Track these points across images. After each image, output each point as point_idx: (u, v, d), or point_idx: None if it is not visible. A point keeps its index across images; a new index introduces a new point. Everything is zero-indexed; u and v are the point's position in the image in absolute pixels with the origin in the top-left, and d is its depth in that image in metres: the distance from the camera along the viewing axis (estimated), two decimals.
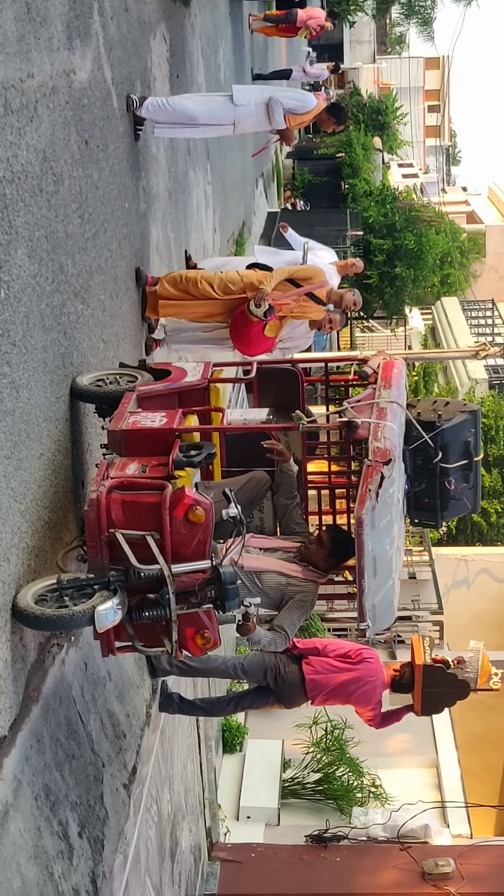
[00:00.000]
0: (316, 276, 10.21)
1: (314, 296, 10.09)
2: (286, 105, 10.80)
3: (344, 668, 9.65)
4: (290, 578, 8.04)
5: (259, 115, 10.76)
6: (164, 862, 9.92)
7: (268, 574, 8.02)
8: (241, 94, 10.74)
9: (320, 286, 10.13)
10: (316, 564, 8.10)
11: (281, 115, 10.74)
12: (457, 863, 13.30)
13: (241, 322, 9.83)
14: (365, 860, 13.72)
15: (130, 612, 6.21)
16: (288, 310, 9.91)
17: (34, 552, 6.42)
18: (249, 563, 7.85)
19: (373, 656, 9.77)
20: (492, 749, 22.08)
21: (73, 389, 7.34)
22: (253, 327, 9.74)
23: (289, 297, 9.89)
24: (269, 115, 10.74)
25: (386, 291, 35.79)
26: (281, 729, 15.96)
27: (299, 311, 10.05)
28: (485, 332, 38.51)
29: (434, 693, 9.54)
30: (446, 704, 9.86)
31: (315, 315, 10.13)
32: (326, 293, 10.21)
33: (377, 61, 71.66)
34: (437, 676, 9.49)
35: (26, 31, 6.52)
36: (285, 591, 8.04)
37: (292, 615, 8.05)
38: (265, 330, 9.73)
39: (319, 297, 10.14)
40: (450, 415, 7.92)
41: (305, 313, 10.12)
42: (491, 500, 27.49)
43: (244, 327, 9.80)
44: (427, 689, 9.50)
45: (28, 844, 6.06)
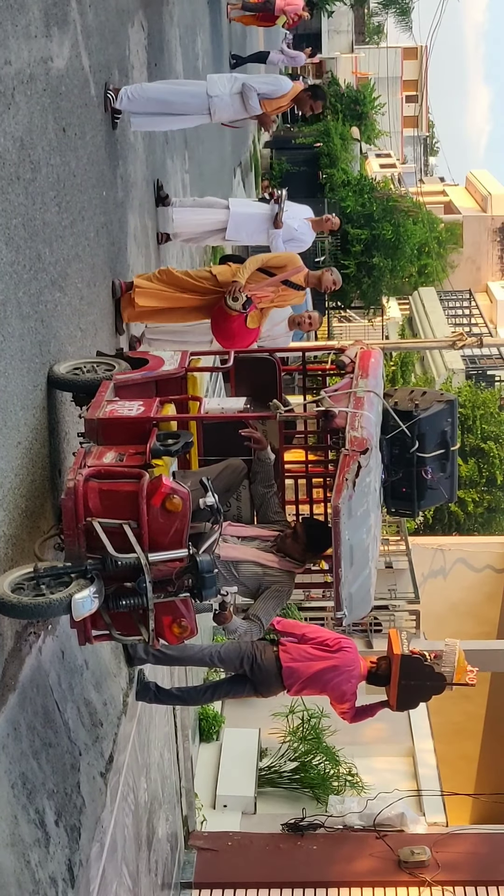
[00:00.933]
0: (290, 263, 10.22)
1: (291, 282, 10.10)
2: (259, 90, 10.83)
3: (321, 656, 9.67)
4: (266, 569, 8.05)
5: (235, 105, 10.80)
6: (140, 850, 9.94)
7: (244, 564, 8.03)
8: (215, 86, 10.78)
9: (296, 272, 10.13)
10: (292, 556, 8.12)
11: (256, 101, 10.77)
12: (432, 851, 13.34)
13: (221, 318, 9.82)
14: (341, 848, 13.75)
15: (107, 601, 6.21)
16: (268, 301, 9.91)
17: (11, 541, 6.41)
18: (226, 553, 7.86)
19: (351, 646, 9.79)
20: (467, 738, 22.21)
21: (50, 378, 7.32)
22: (234, 321, 9.73)
23: (266, 288, 9.89)
24: (244, 101, 10.76)
25: (363, 281, 35.81)
26: (258, 718, 15.98)
27: (279, 300, 10.06)
28: (462, 322, 38.58)
29: (410, 686, 9.54)
30: (422, 699, 9.85)
31: (296, 301, 10.15)
32: (304, 277, 10.21)
33: (355, 51, 71.61)
34: (413, 667, 9.50)
35: (3, 18, 6.51)
36: (262, 580, 8.05)
37: (267, 605, 8.07)
38: (247, 321, 9.73)
39: (297, 282, 10.15)
40: (427, 404, 7.93)
41: (286, 301, 10.14)
42: (468, 490, 27.53)
43: (225, 322, 9.79)
44: (403, 682, 9.50)
45: (4, 833, 6.06)
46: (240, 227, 12.00)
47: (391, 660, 9.62)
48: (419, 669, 9.50)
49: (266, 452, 8.11)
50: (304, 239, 11.92)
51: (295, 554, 8.11)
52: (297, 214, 11.85)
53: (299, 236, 11.83)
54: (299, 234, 11.81)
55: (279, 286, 10.02)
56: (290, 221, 11.60)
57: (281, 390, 8.57)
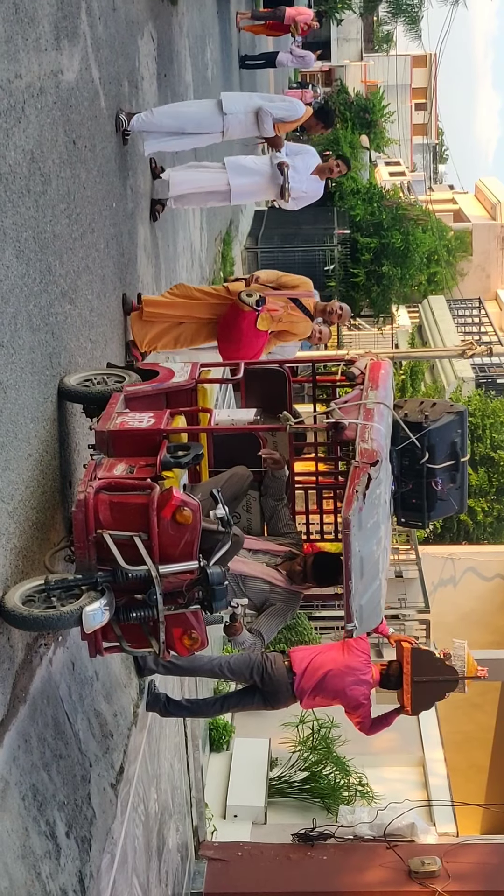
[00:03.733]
0: (303, 285, 10.25)
1: (302, 306, 10.10)
2: (276, 115, 10.87)
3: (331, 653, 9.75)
4: (273, 586, 8.08)
5: (247, 123, 10.81)
6: (151, 861, 9.93)
7: (252, 579, 8.05)
8: (231, 103, 10.80)
9: (307, 294, 10.14)
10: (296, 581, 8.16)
11: (270, 125, 10.82)
12: (443, 861, 13.33)
13: (231, 317, 9.83)
14: (351, 859, 13.74)
15: (118, 613, 6.21)
16: (277, 317, 9.91)
17: (22, 553, 6.42)
18: (235, 567, 7.86)
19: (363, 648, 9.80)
20: (478, 747, 22.16)
21: (60, 390, 7.33)
22: (244, 319, 9.74)
23: (276, 301, 9.91)
24: (259, 124, 10.78)
25: (373, 290, 35.76)
26: (268, 728, 15.98)
27: (287, 319, 10.04)
28: (472, 330, 38.56)
29: (424, 684, 9.54)
30: (437, 698, 9.85)
31: (303, 328, 10.12)
32: (313, 305, 10.22)
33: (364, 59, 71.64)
34: (425, 661, 9.51)
35: (14, 31, 6.52)
36: (268, 596, 8.09)
37: (270, 621, 8.10)
38: (257, 322, 9.73)
39: (307, 306, 10.15)
40: (437, 416, 7.93)
41: (293, 325, 10.11)
42: (478, 499, 27.53)
43: (235, 321, 9.80)
44: (416, 678, 9.51)
45: (15, 844, 6.07)
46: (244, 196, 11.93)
47: (402, 660, 9.63)
48: (431, 663, 9.52)
49: (282, 471, 8.13)
50: (314, 195, 11.90)
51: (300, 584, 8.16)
52: (304, 173, 11.68)
53: (309, 194, 11.80)
54: (309, 193, 11.77)
55: (289, 304, 10.03)
56: (297, 185, 11.48)
57: (291, 401, 8.57)
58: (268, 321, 9.86)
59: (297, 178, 11.47)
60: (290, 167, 11.40)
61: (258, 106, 10.83)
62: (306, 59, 27.44)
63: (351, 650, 9.77)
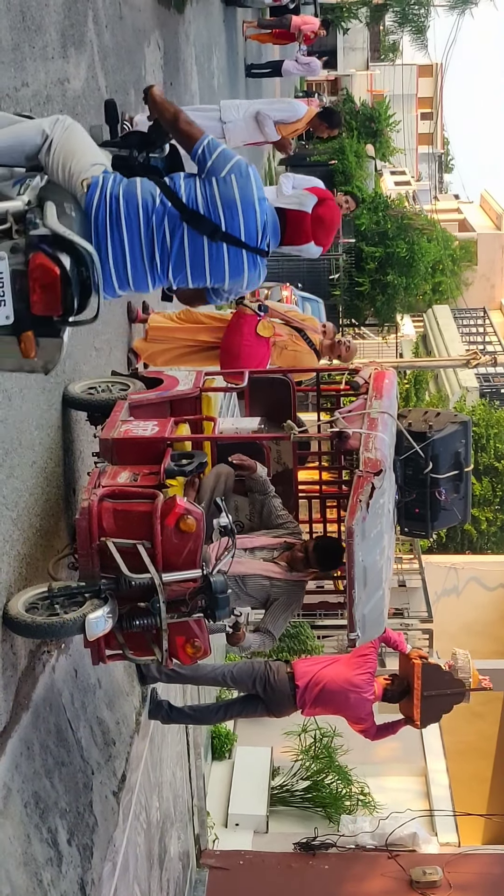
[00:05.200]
0: (309, 321, 10.27)
1: (307, 338, 10.11)
2: (274, 117, 10.87)
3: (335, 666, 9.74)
4: (273, 580, 8.02)
5: (249, 128, 10.81)
6: (152, 869, 9.92)
7: (251, 578, 8.00)
8: (229, 111, 10.80)
9: (312, 330, 10.15)
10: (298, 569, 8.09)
11: (272, 128, 10.81)
12: (444, 871, 13.31)
13: (233, 324, 9.86)
14: (353, 868, 13.72)
15: (121, 621, 6.22)
16: (282, 343, 9.92)
17: (25, 560, 6.43)
18: (233, 568, 7.83)
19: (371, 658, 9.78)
20: (480, 757, 22.12)
21: (64, 397, 7.35)
22: (246, 323, 9.77)
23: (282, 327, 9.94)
24: (260, 129, 10.78)
25: (377, 299, 35.77)
26: (270, 736, 15.95)
27: (292, 349, 10.04)
28: (476, 340, 38.57)
29: (432, 698, 9.54)
30: (445, 710, 9.85)
31: (308, 361, 10.10)
32: (318, 342, 10.23)
33: (370, 68, 71.69)
34: (434, 676, 9.50)
35: (21, 39, 6.54)
36: (269, 592, 8.03)
37: (277, 616, 8.05)
38: (258, 328, 9.74)
39: (313, 340, 10.16)
40: (440, 425, 7.94)
41: (297, 353, 10.10)
42: (481, 509, 27.52)
43: (237, 325, 9.82)
44: (426, 693, 9.50)
45: (17, 852, 6.07)
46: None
47: (410, 674, 9.61)
48: (440, 677, 9.51)
49: (258, 473, 8.03)
50: None
51: (303, 571, 8.08)
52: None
53: None
54: None
55: (293, 333, 10.04)
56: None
57: (295, 410, 8.58)
58: (269, 329, 9.87)
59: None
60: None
61: (256, 110, 10.83)
62: (311, 66, 27.39)
63: (355, 666, 9.74)
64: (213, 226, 5.23)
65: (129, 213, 5.15)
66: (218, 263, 5.32)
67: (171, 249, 5.25)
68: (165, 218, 5.20)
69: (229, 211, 5.27)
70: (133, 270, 5.28)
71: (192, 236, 5.22)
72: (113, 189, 5.16)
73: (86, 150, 5.24)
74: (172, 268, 5.33)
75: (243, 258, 5.41)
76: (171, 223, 5.20)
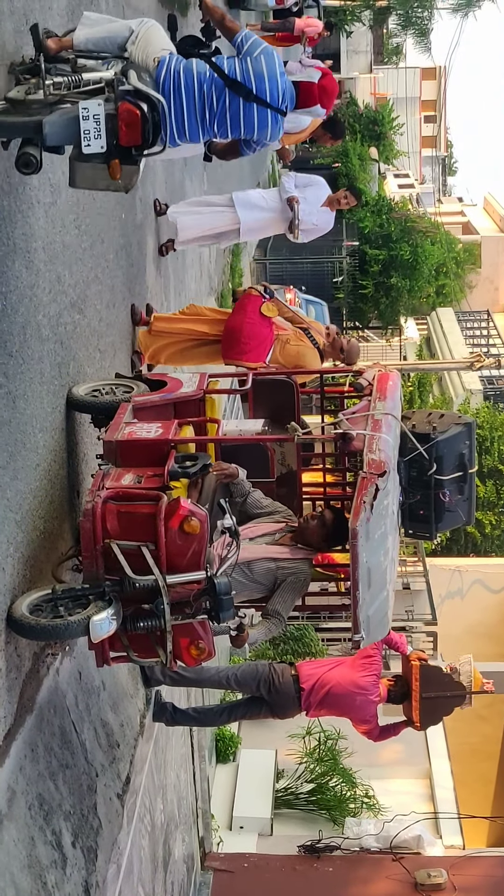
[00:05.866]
0: (314, 324, 10.28)
1: (311, 337, 10.11)
2: None
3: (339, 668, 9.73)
4: (279, 562, 7.98)
5: None
6: (157, 871, 9.92)
7: (257, 562, 7.96)
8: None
9: (317, 331, 10.16)
10: (308, 540, 8.03)
11: None
12: (449, 874, 13.29)
13: (238, 306, 9.91)
14: (357, 871, 13.71)
15: (125, 623, 6.22)
16: (285, 337, 9.92)
17: (29, 562, 6.44)
18: (239, 555, 7.81)
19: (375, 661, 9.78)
20: (484, 759, 22.09)
21: (69, 400, 7.36)
22: (250, 302, 9.79)
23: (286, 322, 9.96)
24: None
25: (381, 301, 35.78)
26: (274, 739, 15.95)
27: (294, 343, 10.04)
28: (480, 342, 38.55)
29: (432, 699, 9.53)
30: (445, 713, 9.85)
31: (309, 359, 10.09)
32: (323, 344, 10.22)
33: (374, 71, 71.67)
34: (433, 677, 9.50)
35: (24, 42, 6.54)
36: (276, 574, 7.98)
37: (285, 597, 7.98)
38: (262, 308, 9.76)
39: (316, 339, 10.15)
40: (444, 427, 7.93)
41: (300, 349, 10.10)
42: (485, 511, 27.51)
43: (241, 305, 9.86)
44: (425, 694, 9.50)
45: (22, 854, 6.07)
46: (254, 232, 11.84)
47: (409, 676, 9.62)
48: (439, 679, 9.51)
49: (240, 478, 7.99)
50: (325, 227, 11.82)
51: (313, 538, 8.01)
52: (314, 205, 11.59)
53: (319, 226, 11.71)
54: (319, 225, 11.69)
55: (298, 331, 10.04)
56: (307, 217, 11.40)
57: (299, 412, 8.58)
58: (273, 310, 9.87)
59: (307, 209, 11.41)
60: (299, 202, 11.37)
61: None
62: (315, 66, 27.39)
63: (360, 668, 9.74)
64: (247, 90, 6.79)
65: (188, 83, 6.69)
66: (249, 119, 6.88)
67: (216, 109, 6.80)
68: (213, 86, 6.75)
69: (259, 80, 6.85)
70: (189, 125, 6.79)
71: (231, 99, 6.79)
72: (176, 65, 6.69)
73: (159, 40, 6.80)
74: (217, 123, 6.87)
75: (268, 116, 6.94)
76: (217, 90, 6.76)
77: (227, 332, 9.94)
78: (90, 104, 5.78)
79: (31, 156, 5.84)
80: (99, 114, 5.78)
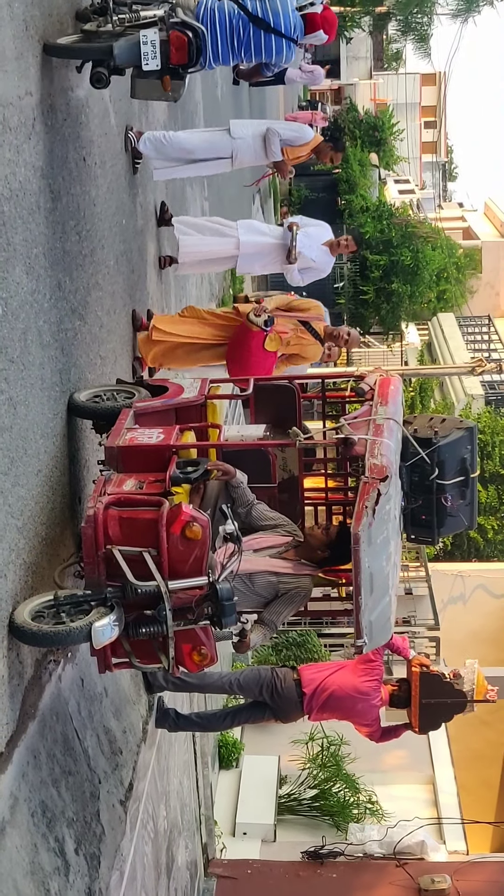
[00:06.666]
0: (314, 309, 10.26)
1: (312, 329, 10.11)
2: (283, 136, 10.88)
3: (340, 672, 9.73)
4: (280, 576, 7.97)
5: (256, 148, 10.85)
6: (160, 878, 9.91)
7: (259, 575, 7.95)
8: (239, 127, 10.85)
9: (317, 318, 10.15)
10: (311, 551, 8.02)
11: (277, 147, 10.82)
12: (453, 879, 13.28)
13: (240, 337, 9.85)
14: (361, 877, 13.69)
15: (127, 629, 6.21)
16: (286, 339, 9.92)
17: (31, 568, 6.43)
18: (241, 566, 7.79)
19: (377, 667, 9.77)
20: (488, 765, 22.09)
21: (70, 406, 7.35)
22: (253, 339, 9.75)
23: (286, 324, 9.93)
24: (266, 146, 10.77)
25: (382, 307, 35.85)
26: (277, 745, 15.94)
27: (296, 342, 10.04)
28: (481, 347, 38.58)
29: (431, 705, 9.53)
30: (444, 719, 9.85)
31: (313, 351, 10.09)
32: (322, 329, 10.22)
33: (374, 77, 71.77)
34: (433, 685, 9.49)
35: (25, 48, 6.55)
36: (277, 588, 7.98)
37: (280, 608, 7.97)
38: (265, 343, 9.74)
39: (317, 330, 10.15)
40: (446, 431, 7.92)
41: (303, 348, 10.10)
42: (487, 517, 27.50)
43: (243, 341, 9.81)
44: (424, 700, 9.50)
45: (24, 861, 6.05)
46: (252, 259, 11.71)
47: (410, 680, 9.62)
48: (439, 687, 9.50)
49: (236, 479, 7.96)
50: (323, 268, 11.73)
51: (316, 548, 8.00)
52: (315, 241, 11.58)
53: (317, 266, 11.61)
54: (317, 264, 11.60)
55: (298, 327, 10.04)
56: (306, 251, 11.34)
57: (300, 417, 8.57)
58: (276, 342, 9.86)
59: (307, 243, 11.34)
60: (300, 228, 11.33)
61: (266, 128, 10.88)
62: (315, 74, 27.34)
63: (362, 673, 9.73)
64: (266, 23, 8.52)
65: (221, 18, 8.46)
66: (269, 47, 8.64)
67: (242, 38, 8.54)
68: (240, 20, 8.49)
69: (276, 16, 8.59)
70: (222, 50, 8.55)
71: (254, 30, 8.51)
72: (211, 4, 8.46)
73: None
74: (244, 50, 8.64)
75: (283, 44, 8.68)
76: (243, 23, 8.48)
77: (231, 363, 9.94)
78: (149, 32, 7.34)
79: (102, 73, 7.40)
80: (155, 40, 7.35)
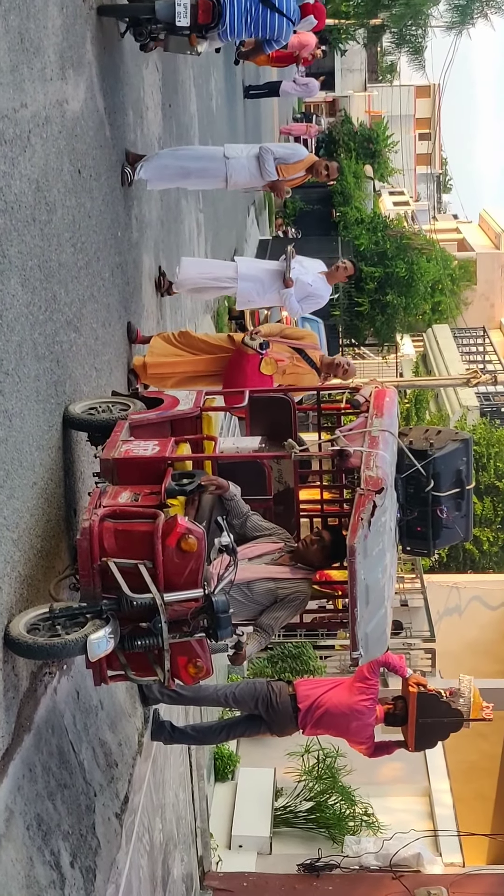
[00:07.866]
0: (309, 338, 10.27)
1: (308, 357, 10.10)
2: (276, 154, 10.92)
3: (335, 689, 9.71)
4: (279, 582, 7.96)
5: (251, 168, 10.89)
6: (155, 891, 9.88)
7: (257, 582, 7.95)
8: (233, 149, 10.93)
9: (313, 347, 10.15)
10: (309, 561, 8.02)
11: (272, 165, 10.86)
12: (449, 891, 13.25)
13: (235, 362, 9.86)
14: (357, 889, 13.66)
15: (123, 641, 6.20)
16: (282, 367, 9.92)
17: (26, 581, 6.42)
18: (239, 575, 7.79)
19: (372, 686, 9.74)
20: (484, 777, 22.05)
21: (65, 418, 7.34)
22: (248, 362, 9.75)
23: (282, 352, 9.94)
24: (261, 165, 10.80)
25: (377, 319, 35.87)
26: (273, 757, 15.91)
27: (292, 371, 10.03)
28: (476, 359, 38.63)
29: (428, 724, 9.51)
30: (440, 738, 9.83)
31: (309, 380, 10.05)
32: (319, 357, 10.21)
33: (368, 90, 71.96)
34: (431, 705, 9.47)
35: (20, 61, 6.55)
36: (276, 594, 7.97)
37: (279, 614, 7.95)
38: (261, 366, 9.74)
39: (313, 359, 10.14)
40: (442, 443, 7.92)
41: (299, 375, 10.08)
42: (483, 528, 27.50)
43: (239, 364, 9.81)
44: (421, 720, 9.47)
45: (20, 874, 6.04)
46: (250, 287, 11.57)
47: (407, 700, 9.60)
48: (436, 707, 9.48)
49: (229, 492, 7.96)
50: (321, 294, 11.58)
51: (313, 558, 8.00)
52: (311, 269, 11.56)
53: (315, 292, 11.39)
54: (315, 290, 11.41)
55: (294, 355, 10.04)
56: (303, 277, 11.27)
57: (296, 429, 8.57)
58: (272, 366, 9.86)
59: (302, 270, 11.30)
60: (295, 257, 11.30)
61: (260, 147, 10.94)
62: (310, 87, 27.47)
63: (358, 692, 9.71)
64: (273, 5, 9.65)
65: None
66: (273, 24, 9.80)
67: (255, 16, 9.65)
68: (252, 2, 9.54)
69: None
70: (239, 25, 9.57)
71: (263, 10, 9.65)
72: None
73: None
74: (254, 25, 9.74)
75: (284, 22, 9.86)
76: (256, 5, 9.58)
77: (227, 386, 9.92)
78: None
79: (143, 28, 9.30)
80: (187, 2, 9.05)
